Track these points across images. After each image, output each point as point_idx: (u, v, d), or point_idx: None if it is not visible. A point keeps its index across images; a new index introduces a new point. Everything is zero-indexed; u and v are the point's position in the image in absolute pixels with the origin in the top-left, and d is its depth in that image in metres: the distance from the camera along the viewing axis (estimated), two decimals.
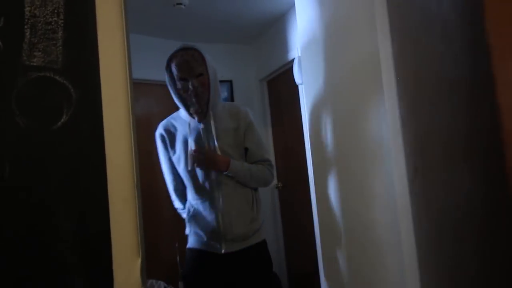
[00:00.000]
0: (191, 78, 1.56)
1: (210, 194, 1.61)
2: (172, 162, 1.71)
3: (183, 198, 1.75)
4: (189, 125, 1.65)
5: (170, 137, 1.71)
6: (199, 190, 1.64)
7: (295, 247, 3.48)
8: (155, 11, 2.90)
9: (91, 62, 0.88)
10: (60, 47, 0.86)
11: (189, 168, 1.60)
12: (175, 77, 1.60)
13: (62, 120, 0.85)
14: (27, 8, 0.85)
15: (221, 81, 4.13)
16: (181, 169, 1.68)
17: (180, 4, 2.81)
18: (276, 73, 3.57)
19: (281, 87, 3.56)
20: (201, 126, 1.63)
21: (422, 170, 1.22)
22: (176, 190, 1.75)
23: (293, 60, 3.10)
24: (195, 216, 1.66)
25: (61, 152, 0.84)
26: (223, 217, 1.60)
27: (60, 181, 0.83)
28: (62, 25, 0.87)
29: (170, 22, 3.14)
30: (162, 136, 1.73)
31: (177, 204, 1.79)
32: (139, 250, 0.87)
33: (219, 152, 1.59)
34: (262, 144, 1.74)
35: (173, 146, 1.69)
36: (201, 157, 1.57)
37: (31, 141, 0.82)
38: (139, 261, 0.86)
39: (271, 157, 3.24)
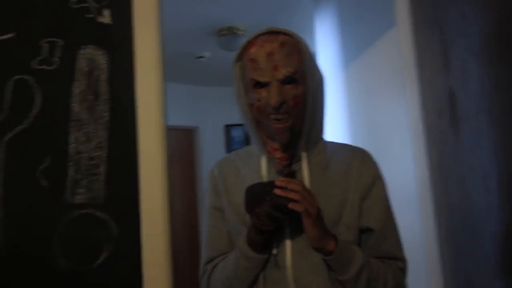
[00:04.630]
0: (274, 84, 0.81)
1: None
2: (227, 229, 0.94)
3: None
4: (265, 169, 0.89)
5: (225, 185, 0.93)
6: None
7: None
8: (177, 63, 2.95)
9: (131, 195, 0.87)
10: (102, 182, 0.85)
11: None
12: (248, 81, 0.86)
13: (102, 257, 0.83)
14: (73, 145, 0.85)
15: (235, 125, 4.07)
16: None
17: (202, 57, 2.85)
18: None
19: None
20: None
21: None
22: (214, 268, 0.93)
23: None
24: None
25: None
26: None
27: None
28: (105, 159, 0.86)
29: (190, 71, 3.19)
30: (214, 180, 0.95)
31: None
32: None
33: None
34: (396, 229, 0.90)
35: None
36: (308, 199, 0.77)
37: (71, 283, 0.81)
38: None
39: None
